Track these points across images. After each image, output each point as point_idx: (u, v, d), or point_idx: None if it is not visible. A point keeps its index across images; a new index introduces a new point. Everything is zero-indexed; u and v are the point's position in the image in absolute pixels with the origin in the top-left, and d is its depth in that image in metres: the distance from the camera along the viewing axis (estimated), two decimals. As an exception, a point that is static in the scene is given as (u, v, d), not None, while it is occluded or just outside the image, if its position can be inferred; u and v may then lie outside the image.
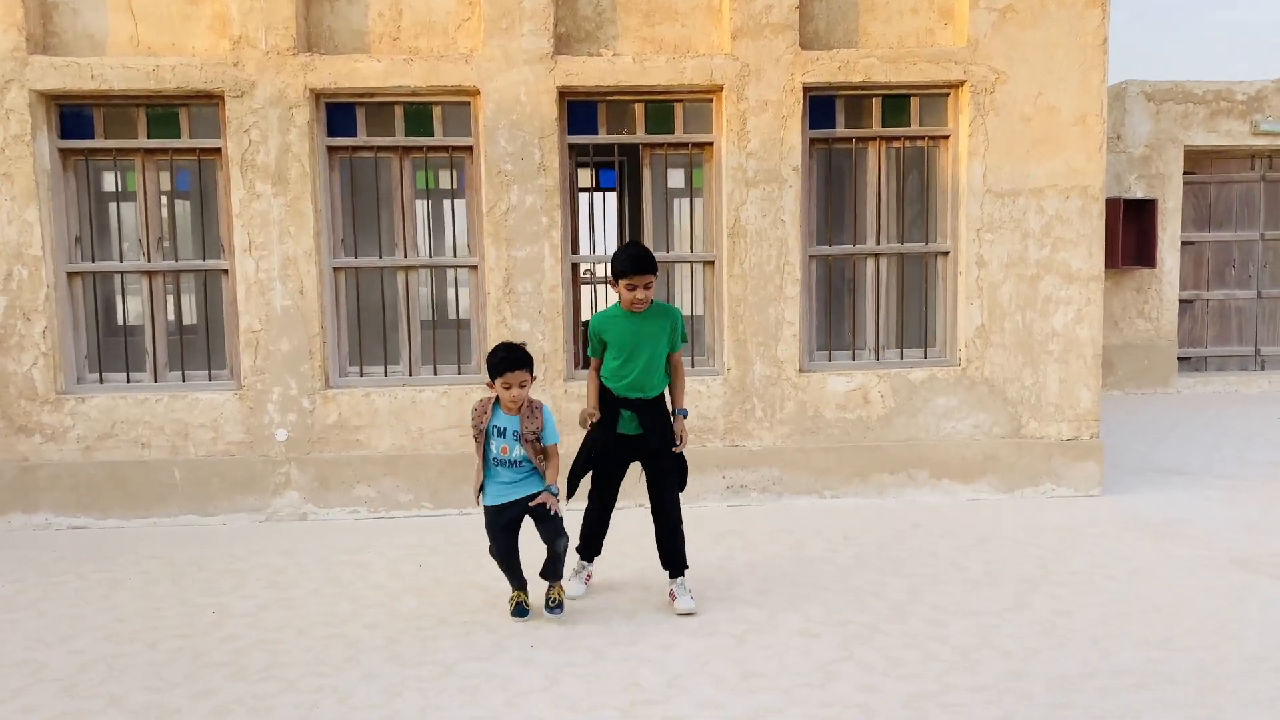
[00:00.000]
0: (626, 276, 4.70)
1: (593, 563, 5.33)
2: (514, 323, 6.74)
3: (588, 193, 10.46)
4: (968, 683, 4.12)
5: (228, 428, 6.70)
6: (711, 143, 6.87)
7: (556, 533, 4.78)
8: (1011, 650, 4.44)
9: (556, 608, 4.84)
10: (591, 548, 5.28)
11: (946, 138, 6.98)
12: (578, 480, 5.06)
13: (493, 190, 6.68)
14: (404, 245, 6.87)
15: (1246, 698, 3.95)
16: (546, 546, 4.84)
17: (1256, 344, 12.25)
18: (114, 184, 7.01)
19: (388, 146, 6.78)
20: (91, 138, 6.67)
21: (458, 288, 7.02)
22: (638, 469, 5.19)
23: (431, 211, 6.96)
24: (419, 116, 6.80)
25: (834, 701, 3.97)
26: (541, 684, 4.18)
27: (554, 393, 6.79)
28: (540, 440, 4.74)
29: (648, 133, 6.90)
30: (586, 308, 11.89)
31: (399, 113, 6.77)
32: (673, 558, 5.03)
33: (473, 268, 6.88)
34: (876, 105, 6.96)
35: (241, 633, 4.81)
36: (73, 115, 6.65)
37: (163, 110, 6.68)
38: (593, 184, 11.28)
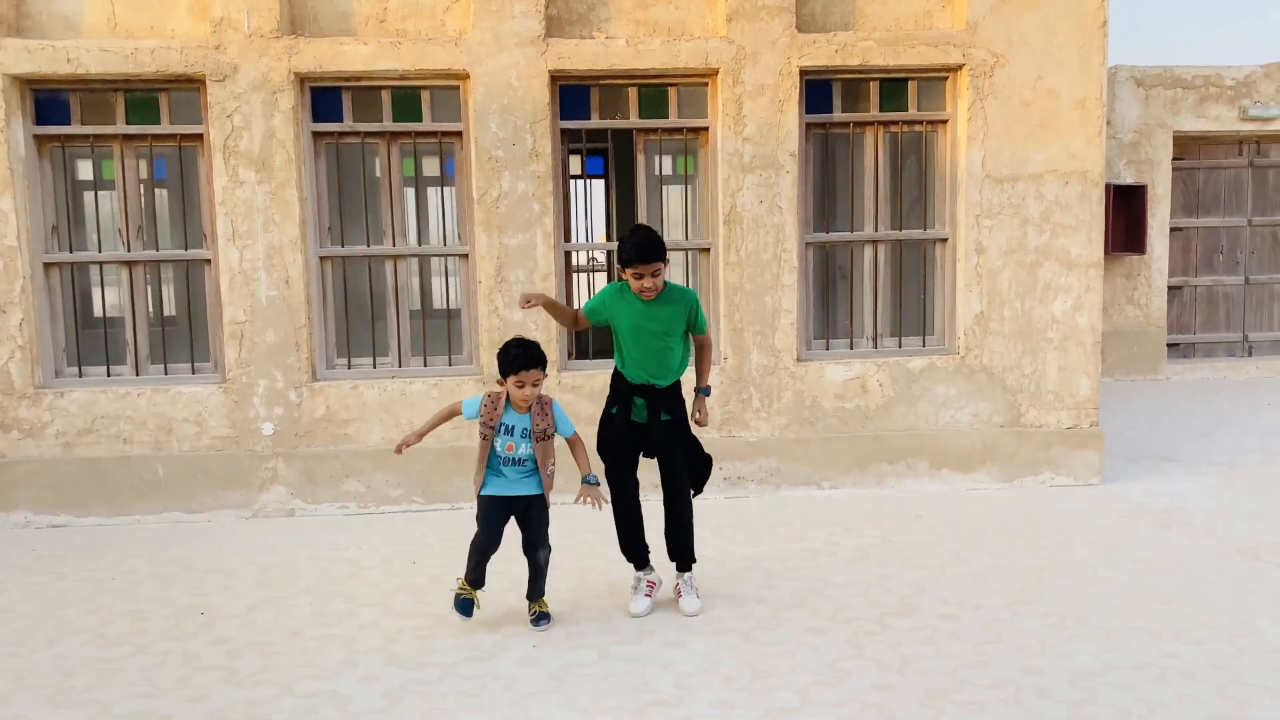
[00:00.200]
0: (633, 265, 4.48)
1: (649, 569, 4.91)
2: (506, 312, 6.59)
3: (574, 180, 10.31)
4: (984, 679, 4.03)
5: (212, 422, 6.52)
6: (707, 128, 6.73)
7: (539, 542, 4.63)
8: (1025, 645, 4.35)
9: (542, 619, 4.65)
10: (636, 552, 4.89)
11: (945, 122, 6.87)
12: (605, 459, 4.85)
13: (484, 177, 6.52)
14: (392, 233, 6.70)
15: (1269, 691, 3.88)
16: (528, 559, 4.65)
17: (1244, 330, 12.25)
18: (91, 172, 6.79)
19: (375, 132, 6.61)
20: (68, 123, 6.45)
21: (448, 277, 6.86)
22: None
23: (420, 199, 6.78)
24: (407, 101, 6.62)
25: (849, 700, 3.87)
26: (548, 685, 4.05)
27: (548, 384, 6.63)
28: (551, 438, 4.58)
29: (641, 117, 6.75)
30: (580, 296, 11.75)
31: (386, 97, 6.59)
32: (679, 552, 4.87)
33: (463, 256, 6.72)
34: (874, 89, 6.84)
35: (232, 634, 4.65)
36: (48, 100, 6.43)
37: (142, 95, 6.47)
38: (580, 171, 11.15)
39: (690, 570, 4.91)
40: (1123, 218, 11.44)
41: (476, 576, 4.66)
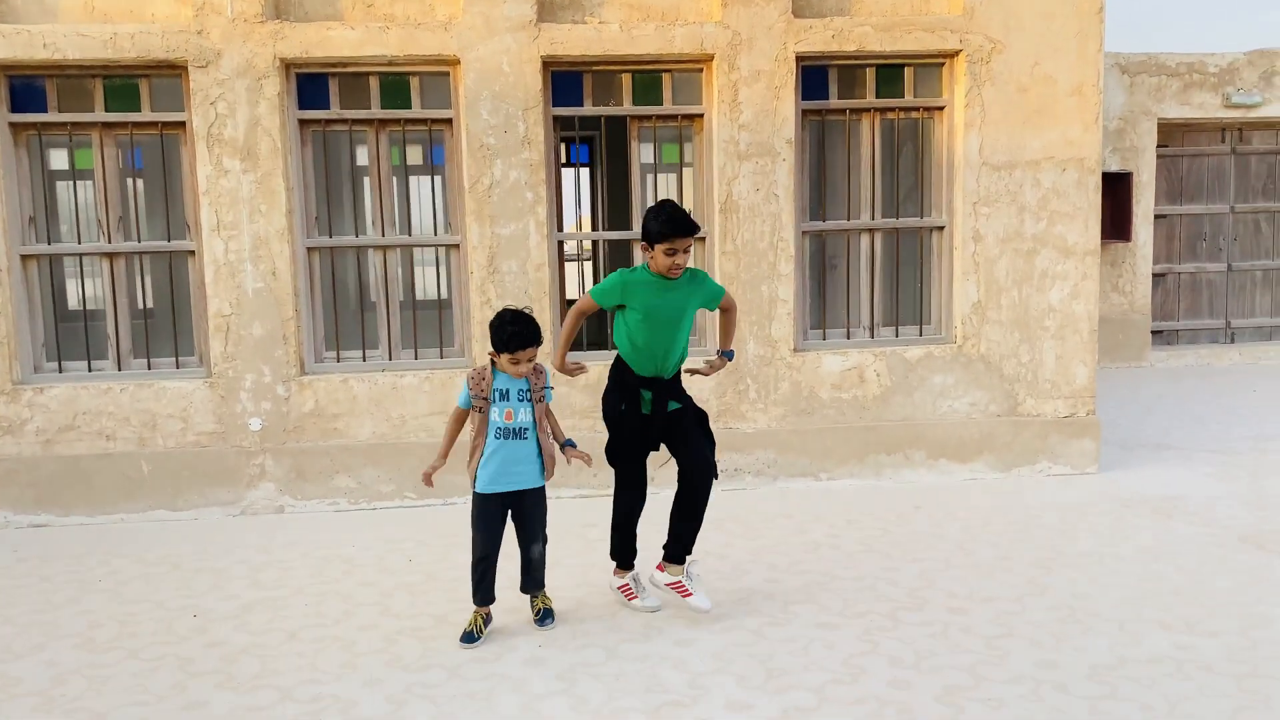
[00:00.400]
0: (667, 240, 4.24)
1: (634, 569, 4.76)
2: (498, 303, 6.44)
3: (563, 169, 10.18)
4: (1001, 674, 3.97)
5: (198, 418, 6.35)
6: (702, 114, 6.62)
7: (536, 534, 4.47)
8: (1038, 638, 4.29)
9: (547, 617, 4.51)
10: (630, 553, 4.73)
11: (941, 109, 6.79)
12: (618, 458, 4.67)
13: (475, 165, 6.37)
14: (381, 223, 6.54)
15: (1288, 684, 3.84)
16: (522, 551, 4.49)
17: (1227, 316, 12.30)
18: (68, 161, 6.58)
19: (363, 119, 6.45)
20: (45, 111, 6.25)
21: (438, 268, 6.71)
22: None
23: (410, 188, 6.63)
24: (395, 87, 6.47)
25: (866, 698, 3.79)
26: (557, 686, 3.95)
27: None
28: (544, 400, 4.43)
29: (635, 104, 6.63)
30: (573, 288, 11.60)
31: (374, 84, 6.43)
32: (687, 543, 4.60)
33: (454, 246, 6.58)
34: (870, 75, 6.75)
35: (227, 637, 4.52)
36: (24, 87, 6.23)
37: (121, 81, 6.28)
38: (564, 159, 11.00)
39: (682, 564, 4.63)
40: (1108, 205, 11.42)
41: (485, 590, 4.43)
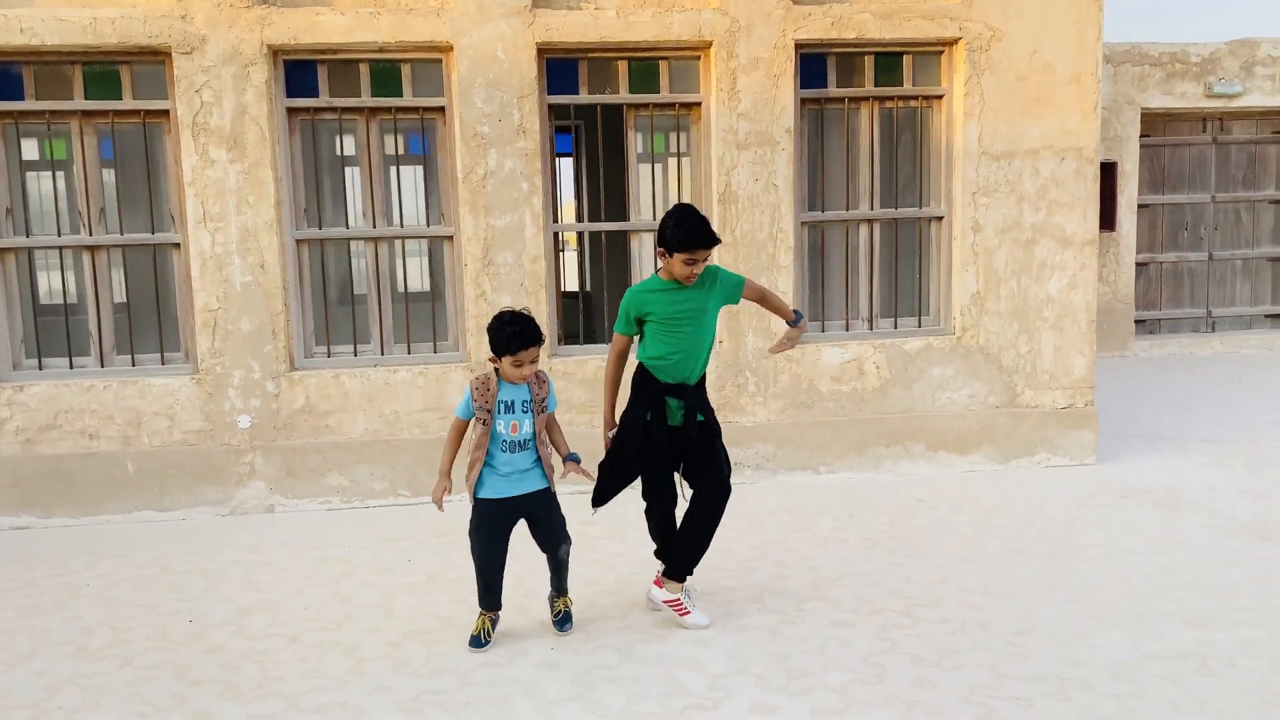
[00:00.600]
0: (687, 250, 4.11)
1: (684, 580, 4.49)
2: (494, 296, 6.32)
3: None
4: (1024, 672, 3.90)
5: (184, 415, 6.17)
6: (699, 103, 6.51)
7: (560, 538, 4.32)
8: (1057, 634, 4.23)
9: (565, 621, 4.37)
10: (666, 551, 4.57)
11: (940, 98, 6.72)
12: (611, 495, 4.49)
13: (469, 154, 6.23)
14: (372, 215, 6.38)
15: (1314, 678, 3.80)
16: (549, 556, 4.34)
17: (1208, 306, 12.36)
18: (44, 151, 6.37)
19: (353, 108, 6.27)
20: (21, 99, 6.03)
21: (432, 260, 6.56)
22: None
23: (401, 178, 6.47)
24: (386, 75, 6.30)
25: (891, 698, 3.71)
26: (573, 690, 3.84)
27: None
28: (545, 410, 4.24)
29: (631, 92, 6.50)
30: (569, 279, 11.44)
31: (365, 71, 6.26)
32: (691, 562, 4.43)
33: (448, 238, 6.43)
34: (869, 64, 6.67)
35: (225, 643, 4.37)
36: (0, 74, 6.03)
37: (102, 68, 6.07)
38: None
39: (684, 582, 4.49)
40: (1093, 195, 11.43)
41: (491, 597, 4.29)
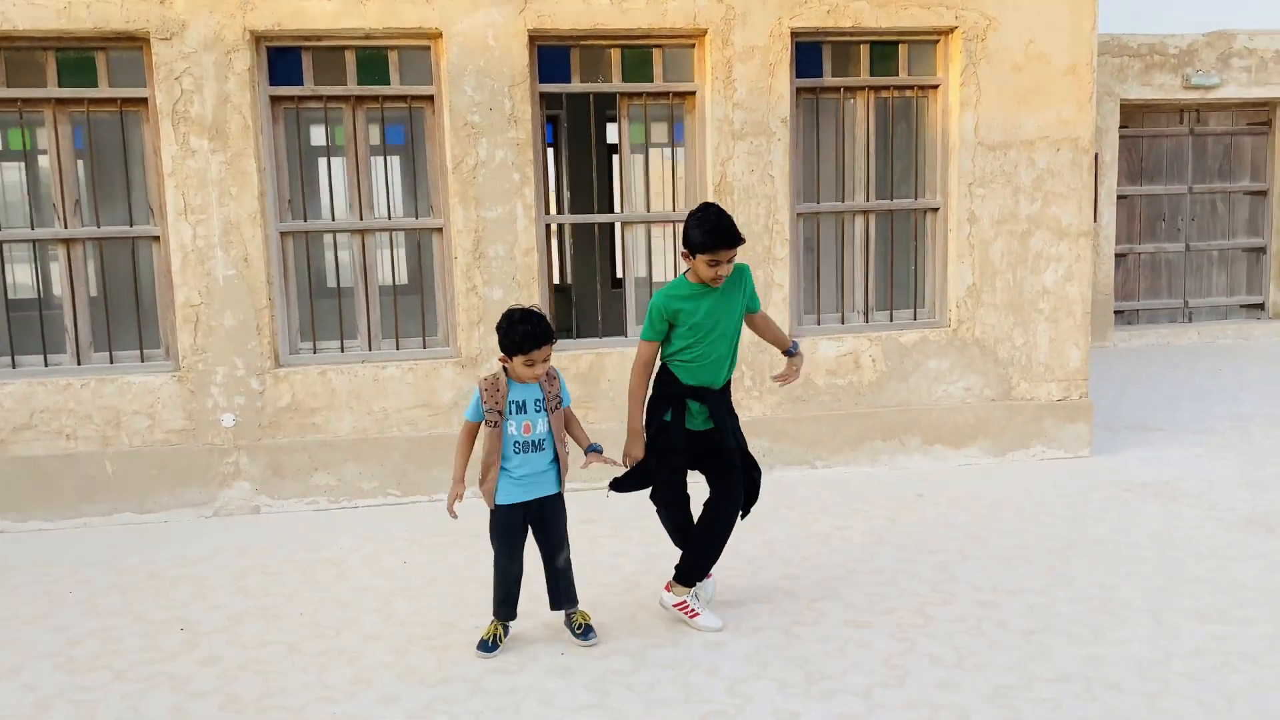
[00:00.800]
0: (710, 251, 3.98)
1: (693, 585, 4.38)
2: (485, 290, 6.17)
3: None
4: (1048, 672, 3.83)
5: (166, 414, 5.97)
6: (694, 92, 6.39)
7: (560, 543, 4.17)
8: (1076, 632, 4.17)
9: (589, 633, 4.18)
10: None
11: (936, 87, 6.64)
12: (632, 487, 4.37)
13: (459, 144, 6.07)
14: (359, 206, 6.20)
15: (1338, 675, 3.77)
16: (546, 563, 4.18)
17: (1185, 296, 12.44)
18: (18, 140, 6.13)
19: (338, 96, 6.09)
20: (-8, 86, 5.80)
21: (420, 252, 6.39)
22: None
23: (389, 168, 6.29)
24: (373, 62, 6.12)
25: (917, 702, 3.63)
26: (589, 698, 3.72)
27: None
28: (559, 407, 4.11)
29: (624, 81, 6.37)
30: (571, 271, 11.28)
31: (351, 58, 6.07)
32: (705, 566, 4.34)
33: (437, 230, 6.26)
34: (865, 53, 6.57)
35: (222, 652, 4.20)
36: (-32, 60, 5.77)
37: (77, 54, 5.84)
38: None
39: (691, 588, 4.39)
40: (1073, 186, 11.44)
41: (509, 604, 4.16)
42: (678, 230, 6.67)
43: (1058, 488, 6.22)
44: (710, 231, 3.98)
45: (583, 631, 4.18)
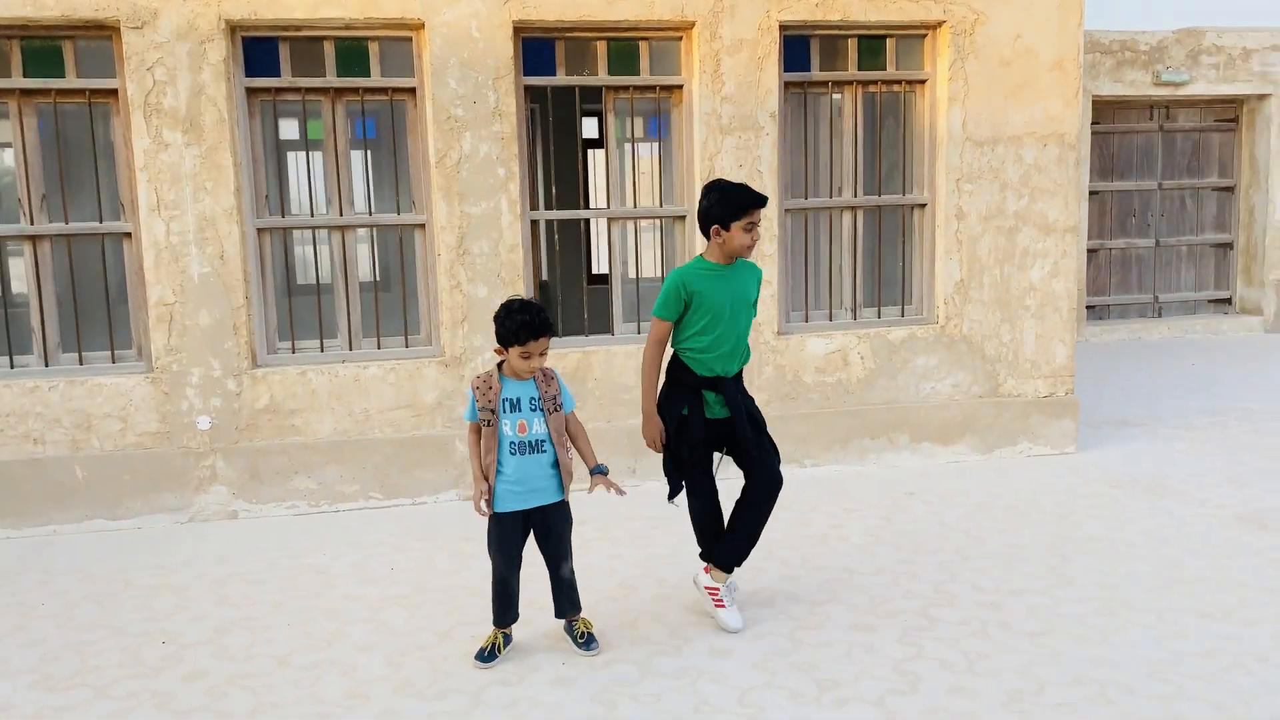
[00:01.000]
0: (747, 213, 3.98)
1: (732, 571, 4.35)
2: (469, 287, 6.03)
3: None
4: (1060, 676, 3.78)
5: (139, 417, 5.77)
6: (681, 85, 6.28)
7: (564, 553, 4.04)
8: (1082, 634, 4.12)
9: (591, 642, 4.05)
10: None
11: (924, 82, 6.59)
12: (681, 479, 4.28)
13: (442, 138, 5.91)
14: (338, 201, 6.03)
15: (1350, 674, 3.75)
16: (551, 572, 4.05)
17: (1155, 291, 12.54)
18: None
19: (317, 88, 5.91)
20: (-47, 76, 5.56)
21: (402, 249, 6.22)
22: None
23: (370, 163, 6.12)
24: (353, 54, 5.94)
25: (933, 709, 3.55)
26: (596, 711, 3.60)
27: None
28: (560, 409, 3.94)
29: (611, 74, 6.24)
30: (548, 267, 11.10)
31: (329, 49, 5.89)
32: (742, 554, 4.30)
33: (419, 227, 6.10)
34: (852, 46, 6.50)
35: (208, 666, 4.04)
36: (-73, 48, 5.53)
37: (43, 44, 5.61)
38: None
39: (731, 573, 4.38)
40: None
41: (507, 612, 4.04)
42: (664, 225, 6.58)
43: (1047, 485, 6.19)
44: (746, 193, 4.02)
45: (585, 641, 4.06)
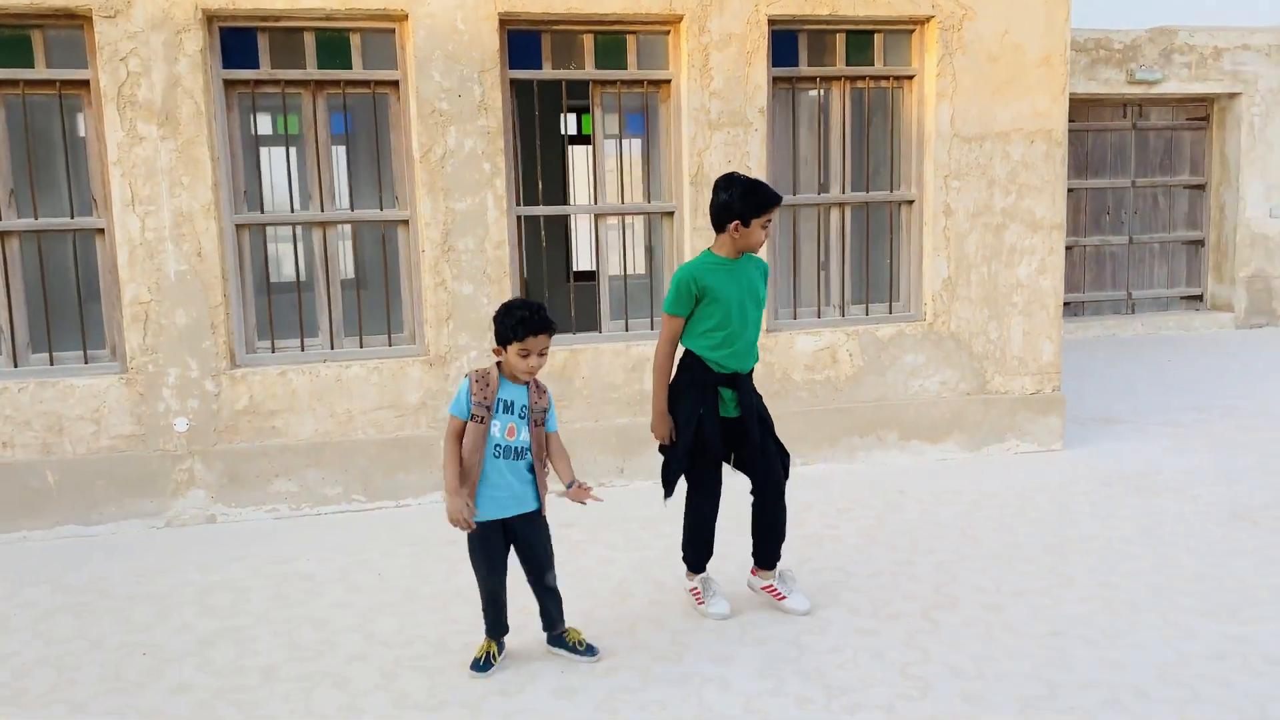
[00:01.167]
0: (767, 211, 3.94)
1: (705, 571, 4.45)
2: (454, 285, 5.89)
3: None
4: (1071, 679, 3.72)
5: (113, 419, 5.58)
6: (669, 80, 6.17)
7: (546, 563, 3.91)
8: (1089, 636, 4.07)
9: (590, 649, 3.96)
10: (707, 556, 4.44)
11: (911, 78, 6.53)
12: (677, 477, 4.26)
13: (426, 132, 5.77)
14: (319, 197, 5.87)
15: (1358, 674, 3.72)
16: (534, 585, 3.92)
17: (1128, 288, 12.62)
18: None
19: (297, 80, 5.75)
20: (-85, 65, 5.35)
21: (385, 246, 6.08)
22: None
23: (351, 157, 5.97)
24: (334, 45, 5.79)
25: (945, 715, 3.49)
26: (601, 721, 3.51)
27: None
28: (544, 425, 3.82)
29: (597, 68, 6.13)
30: (544, 263, 10.94)
31: (310, 41, 5.74)
32: (774, 552, 4.40)
33: (403, 223, 5.96)
34: (840, 42, 6.43)
35: (192, 680, 3.89)
36: (-112, 36, 5.31)
37: (11, 33, 5.41)
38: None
39: (774, 568, 4.44)
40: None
41: (497, 622, 3.93)
42: (651, 222, 6.48)
43: (1038, 482, 6.16)
44: (761, 189, 3.96)
45: (585, 649, 3.95)
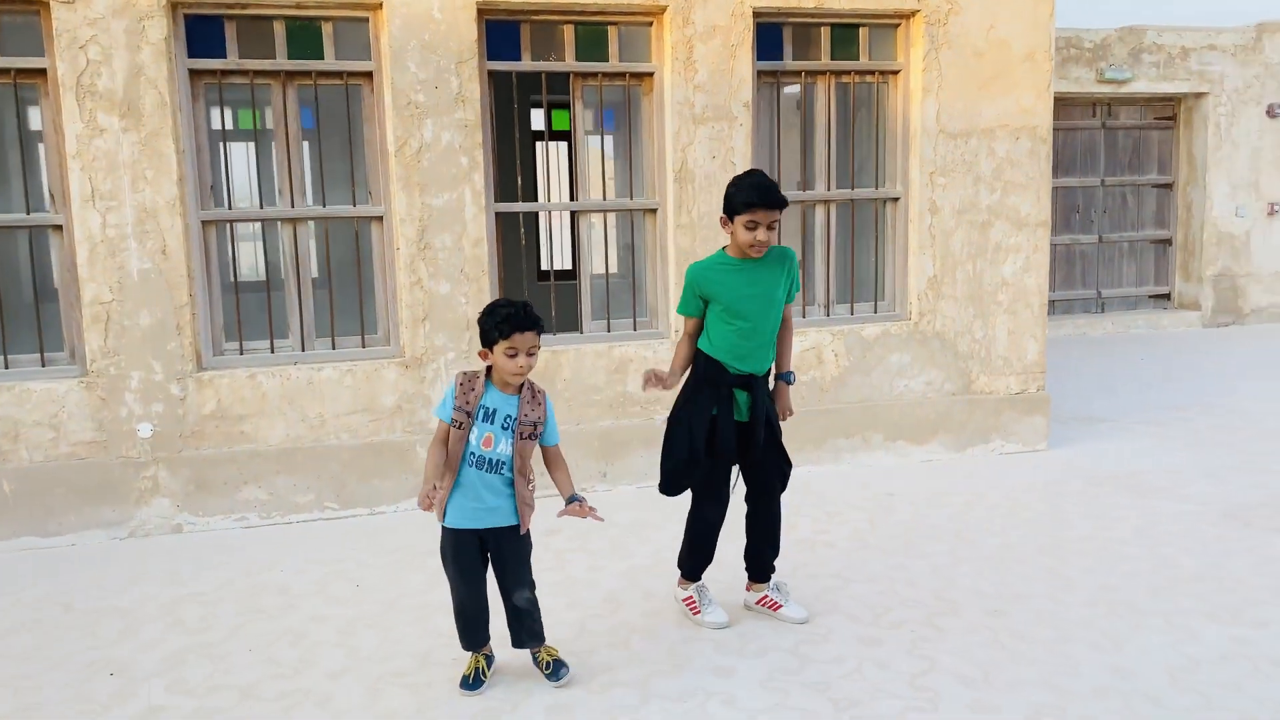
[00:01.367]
0: (751, 210, 3.69)
1: (701, 579, 4.30)
2: (431, 283, 5.70)
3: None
4: (1080, 687, 3.62)
5: (73, 425, 5.32)
6: (652, 73, 6.02)
7: (521, 579, 3.68)
8: (1095, 640, 3.98)
9: (560, 669, 3.72)
10: (705, 566, 4.30)
11: (897, 73, 6.43)
12: (683, 480, 4.10)
13: (401, 125, 5.57)
14: (290, 192, 5.65)
15: (1372, 678, 3.65)
16: (506, 600, 3.68)
17: (1098, 287, 12.66)
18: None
19: (266, 71, 5.52)
20: None
21: (358, 243, 5.86)
22: None
23: (323, 151, 5.75)
24: (305, 35, 5.58)
25: (958, 728, 3.37)
26: (602, 741, 3.34)
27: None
28: (537, 438, 3.64)
29: (578, 60, 5.96)
30: (514, 262, 10.73)
31: (280, 30, 5.51)
32: (767, 564, 4.31)
33: (377, 219, 5.75)
34: (825, 36, 6.31)
35: (164, 701, 3.67)
36: None
37: (-39, 18, 5.16)
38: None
39: (769, 580, 4.34)
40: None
41: (476, 635, 3.72)
42: (634, 220, 6.32)
43: (1026, 483, 6.08)
44: (752, 189, 3.74)
45: (551, 670, 3.72)
